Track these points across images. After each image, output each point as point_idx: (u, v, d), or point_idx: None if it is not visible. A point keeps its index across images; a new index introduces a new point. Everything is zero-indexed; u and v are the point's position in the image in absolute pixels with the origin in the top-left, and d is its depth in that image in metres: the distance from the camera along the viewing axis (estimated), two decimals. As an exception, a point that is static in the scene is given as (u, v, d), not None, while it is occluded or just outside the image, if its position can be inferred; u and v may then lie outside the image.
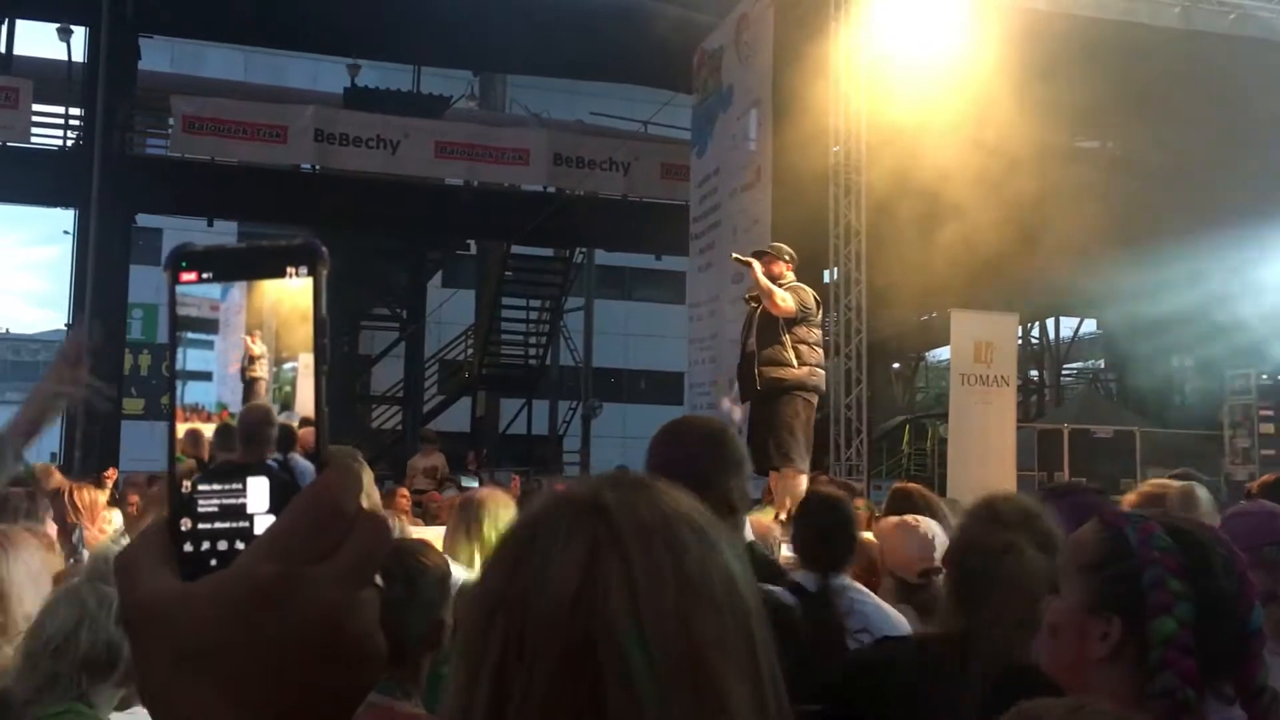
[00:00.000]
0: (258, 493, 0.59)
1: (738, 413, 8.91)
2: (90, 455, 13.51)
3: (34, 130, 17.12)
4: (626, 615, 0.72)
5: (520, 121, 21.45)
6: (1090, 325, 24.74)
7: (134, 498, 7.09)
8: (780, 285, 7.03)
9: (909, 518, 3.44)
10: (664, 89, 18.41)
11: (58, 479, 4.37)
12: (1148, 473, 10.81)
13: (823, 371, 6.97)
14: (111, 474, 8.74)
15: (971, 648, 1.93)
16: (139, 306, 20.62)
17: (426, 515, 8.02)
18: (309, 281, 0.60)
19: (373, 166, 17.68)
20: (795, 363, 6.87)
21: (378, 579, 0.58)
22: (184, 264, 0.61)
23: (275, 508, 0.58)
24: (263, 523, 0.58)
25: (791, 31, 12.96)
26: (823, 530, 3.00)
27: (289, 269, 0.60)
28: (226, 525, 0.58)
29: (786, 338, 6.93)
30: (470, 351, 22.65)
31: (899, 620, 2.82)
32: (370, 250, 20.29)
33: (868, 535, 3.72)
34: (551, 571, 0.75)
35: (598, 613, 0.73)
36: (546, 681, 0.72)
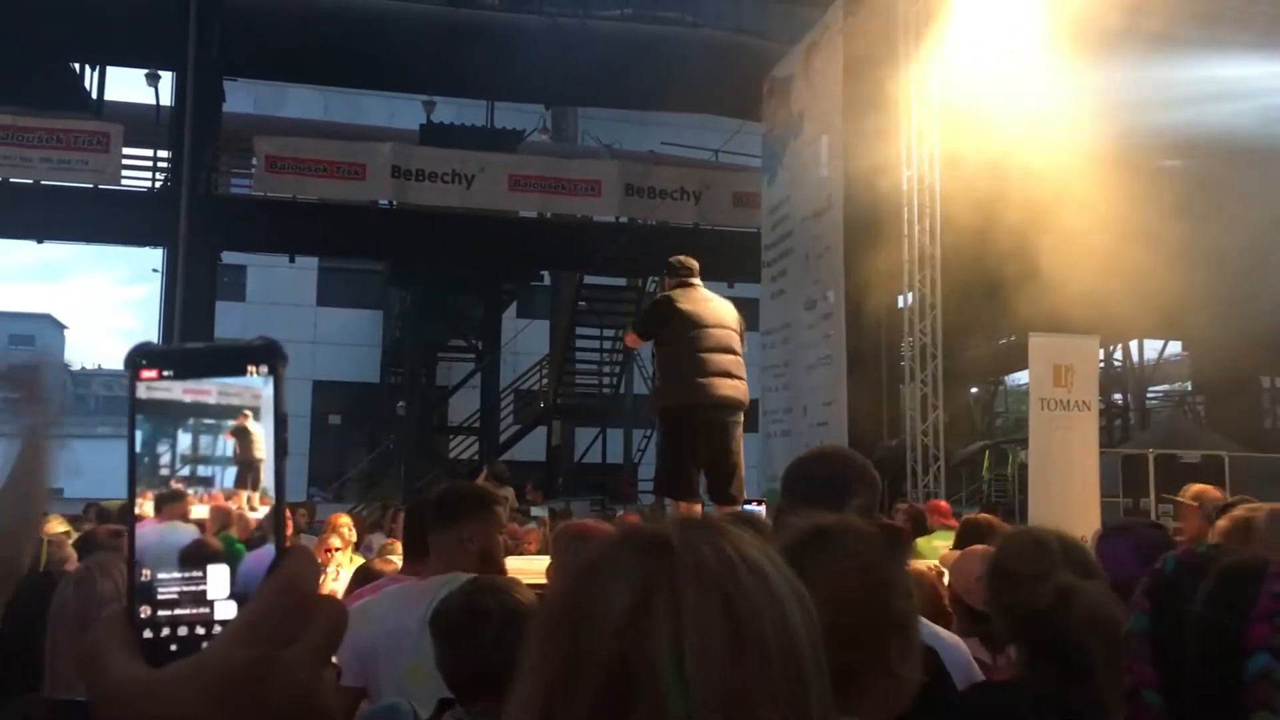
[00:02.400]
0: (218, 580, 0.61)
1: None
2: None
3: (124, 173, 17.72)
4: (669, 648, 0.74)
5: (592, 153, 21.67)
6: (1175, 347, 24.15)
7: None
8: None
9: (976, 547, 3.41)
10: (734, 117, 18.48)
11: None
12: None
13: (686, 385, 5.92)
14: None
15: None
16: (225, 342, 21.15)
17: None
18: (270, 380, 0.62)
19: (449, 201, 17.97)
20: (660, 387, 6.33)
21: (333, 659, 0.61)
22: (144, 361, 0.63)
23: (235, 594, 0.61)
24: (223, 609, 0.60)
25: (861, 57, 12.94)
26: None
27: (250, 367, 0.62)
28: (187, 611, 0.60)
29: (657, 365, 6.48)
30: (545, 381, 22.83)
31: (958, 650, 2.74)
32: (446, 283, 20.60)
33: (925, 563, 3.68)
34: (607, 598, 0.77)
35: (641, 642, 0.74)
36: (588, 703, 0.74)
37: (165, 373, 0.62)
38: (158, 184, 18.19)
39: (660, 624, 0.75)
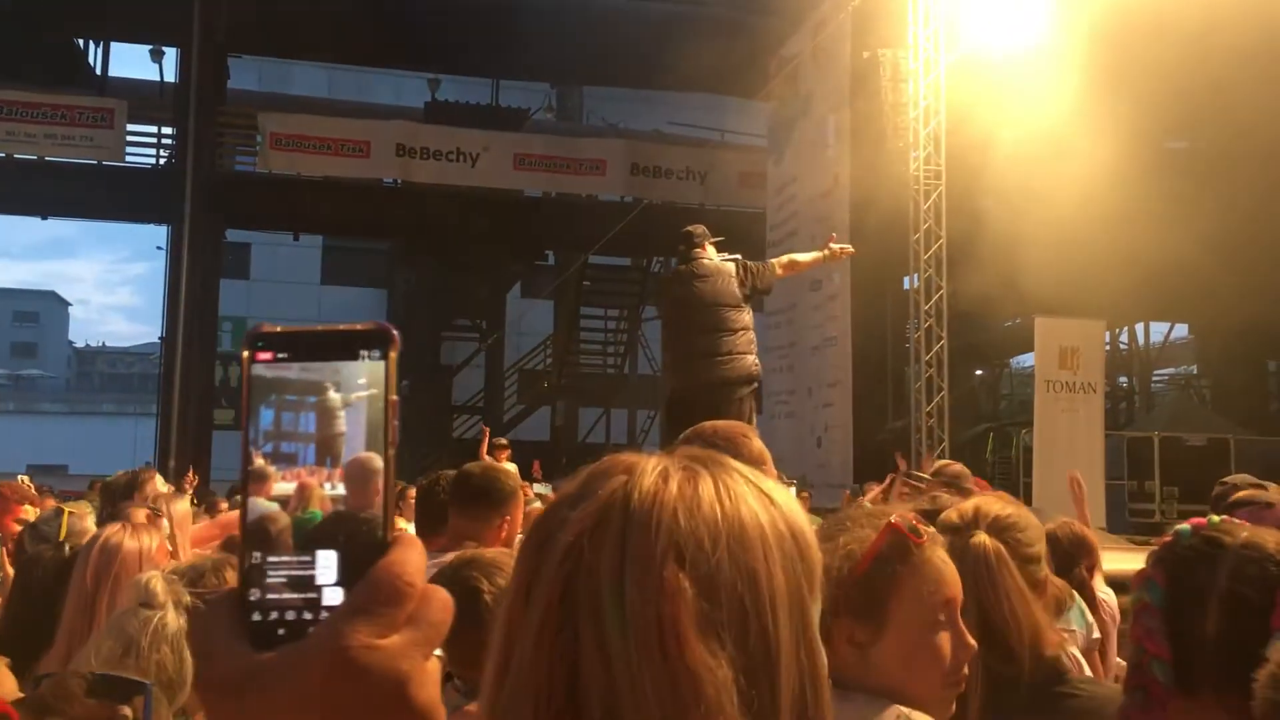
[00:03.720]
0: (326, 565, 0.60)
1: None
2: (183, 465, 13.90)
3: (128, 149, 17.69)
4: (610, 574, 0.72)
5: (598, 132, 21.59)
6: (1181, 330, 24.09)
7: (223, 505, 7.27)
8: None
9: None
10: (741, 97, 18.40)
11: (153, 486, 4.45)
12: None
13: (674, 370, 6.03)
14: (191, 479, 8.84)
15: None
16: (229, 319, 21.16)
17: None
18: (381, 365, 0.62)
19: (453, 179, 17.93)
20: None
21: (438, 651, 0.60)
22: (260, 344, 0.62)
23: (343, 580, 0.60)
24: (330, 594, 0.60)
25: (870, 38, 12.87)
26: None
27: (362, 352, 0.62)
28: (295, 596, 0.60)
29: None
30: (549, 361, 22.82)
31: None
32: (451, 262, 20.58)
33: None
34: (564, 521, 0.76)
35: (586, 567, 0.73)
36: (536, 628, 0.73)
37: (280, 355, 0.62)
38: (162, 161, 18.16)
39: (608, 550, 0.73)
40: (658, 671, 0.70)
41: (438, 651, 0.61)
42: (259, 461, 0.62)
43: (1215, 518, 1.60)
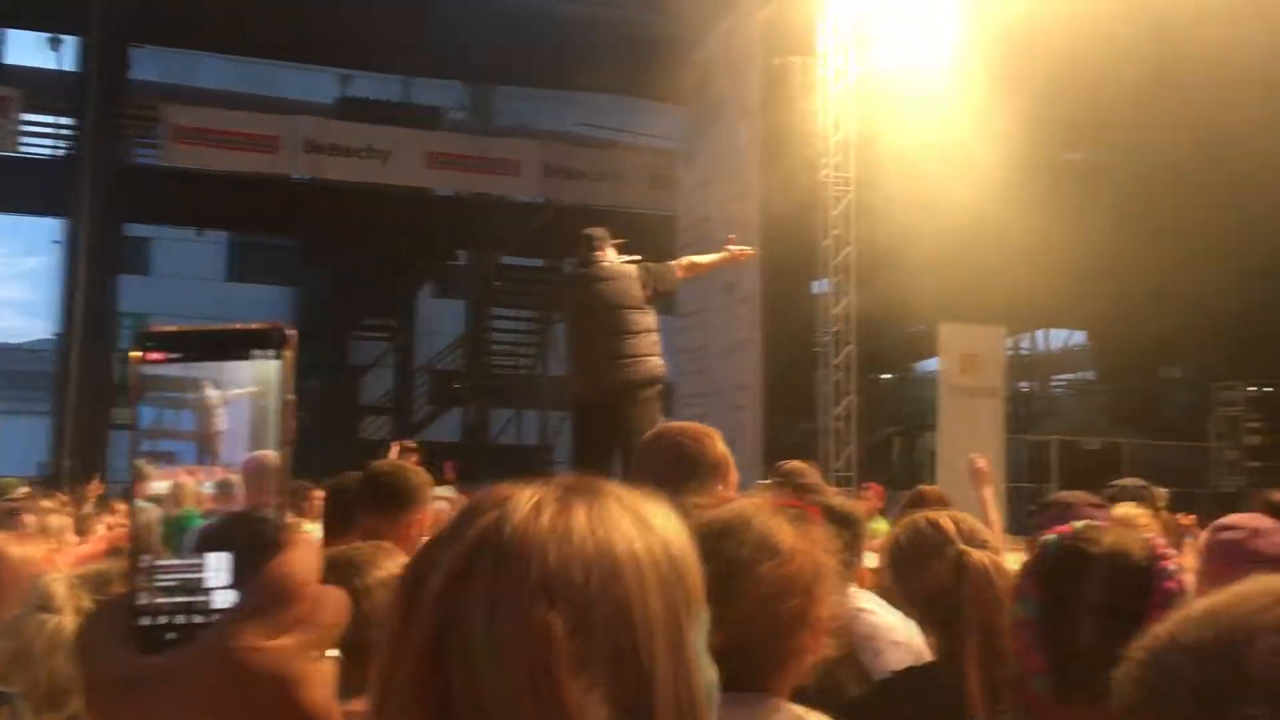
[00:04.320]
0: (218, 567, 0.60)
1: None
2: (79, 465, 13.46)
3: (23, 139, 17.09)
4: (481, 620, 0.72)
5: (511, 132, 21.46)
6: (1080, 337, 24.80)
7: (119, 508, 7.06)
8: None
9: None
10: (654, 100, 18.45)
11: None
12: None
13: (575, 373, 6.04)
14: (97, 487, 8.59)
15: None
16: (129, 315, 20.53)
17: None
18: (276, 364, 0.61)
19: (363, 177, 17.67)
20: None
21: (334, 651, 0.59)
22: (151, 344, 0.62)
23: (235, 582, 0.59)
24: (221, 597, 0.59)
25: (781, 44, 13.02)
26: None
27: (256, 351, 0.61)
28: (184, 599, 0.59)
29: None
30: (460, 362, 22.61)
31: (909, 628, 2.74)
32: (360, 260, 20.28)
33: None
34: (435, 562, 0.76)
35: (457, 610, 0.73)
36: (410, 669, 0.73)
37: (172, 355, 0.61)
38: (59, 152, 17.56)
39: (477, 594, 0.73)
40: (531, 715, 0.70)
41: (335, 652, 0.60)
42: (138, 461, 0.61)
43: (1079, 524, 1.64)
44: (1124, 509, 3.61)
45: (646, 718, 0.72)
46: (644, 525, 0.78)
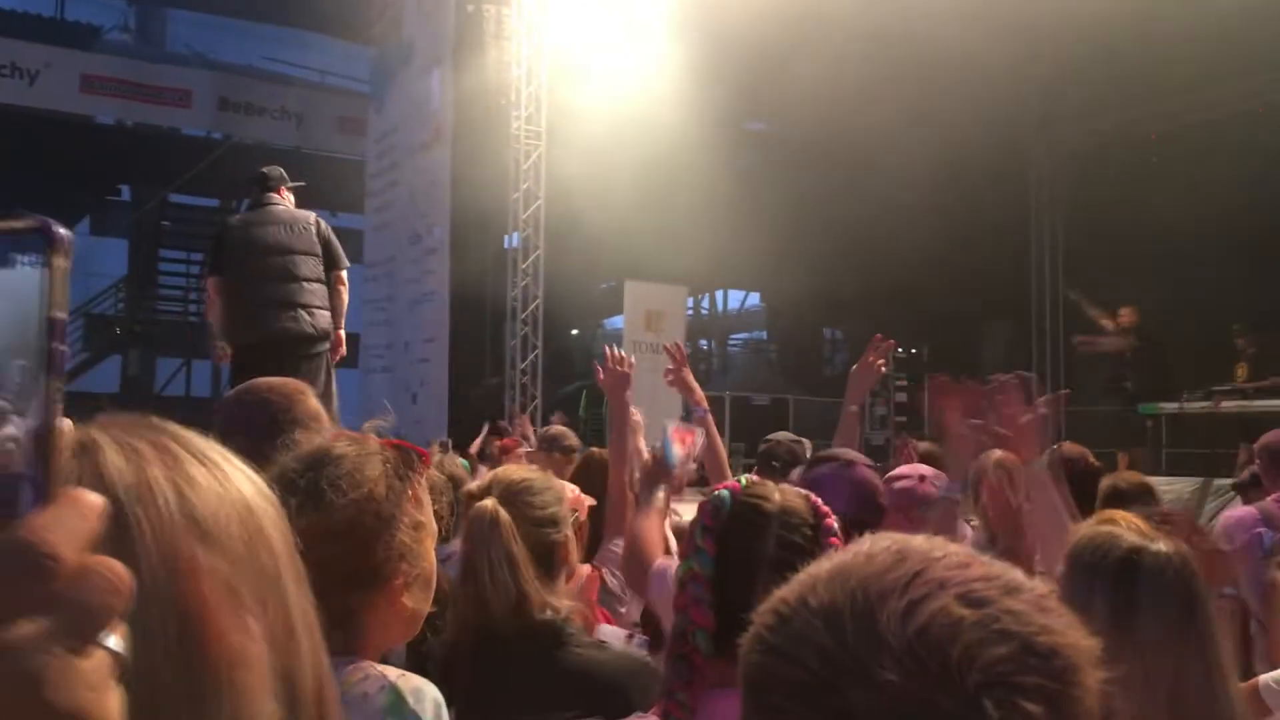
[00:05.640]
0: None
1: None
2: None
3: None
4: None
5: (183, 60, 19.91)
6: (755, 298, 26.21)
7: None
8: None
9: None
10: (343, 39, 17.67)
11: None
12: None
13: (240, 321, 5.61)
14: None
15: None
16: None
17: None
18: (39, 273, 0.47)
19: (8, 98, 15.86)
20: (221, 325, 5.75)
21: (113, 641, 0.47)
22: None
23: None
24: None
25: (475, -10, 12.75)
26: None
27: (15, 256, 0.47)
28: None
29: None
30: (122, 306, 20.89)
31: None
32: (4, 191, 18.24)
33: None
34: None
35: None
36: None
37: None
38: None
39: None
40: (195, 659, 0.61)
41: (114, 642, 0.47)
42: None
43: (744, 479, 1.67)
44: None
45: (293, 658, 0.67)
46: (236, 467, 0.72)
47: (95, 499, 0.48)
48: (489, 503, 2.05)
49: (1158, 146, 14.17)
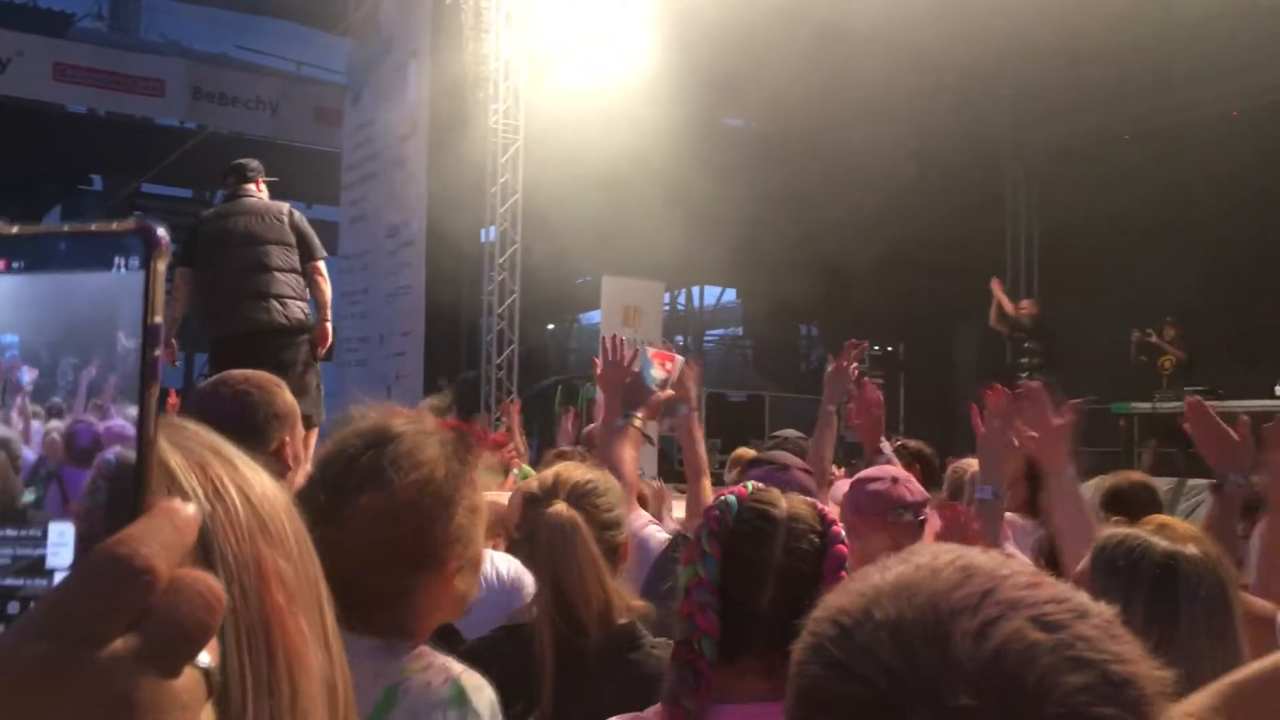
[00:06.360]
0: (61, 542, 0.45)
1: None
2: None
3: None
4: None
5: (157, 48, 19.71)
6: (731, 295, 26.21)
7: None
8: None
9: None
10: (320, 29, 17.54)
11: None
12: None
13: (212, 314, 5.78)
14: None
15: None
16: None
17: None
18: (139, 276, 0.46)
19: (-23, 85, 15.66)
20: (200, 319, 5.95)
21: (204, 658, 0.44)
22: None
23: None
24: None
25: (453, -18, 12.68)
26: None
27: (117, 259, 0.46)
28: (18, 582, 0.45)
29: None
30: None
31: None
32: (-28, 179, 18.04)
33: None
34: None
35: None
36: None
37: (15, 265, 0.47)
38: None
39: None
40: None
41: (205, 659, 0.44)
42: None
43: (750, 485, 1.65)
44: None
45: (333, 664, 0.67)
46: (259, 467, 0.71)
47: (190, 510, 0.46)
48: (562, 507, 2.00)
49: (1131, 148, 14.29)
